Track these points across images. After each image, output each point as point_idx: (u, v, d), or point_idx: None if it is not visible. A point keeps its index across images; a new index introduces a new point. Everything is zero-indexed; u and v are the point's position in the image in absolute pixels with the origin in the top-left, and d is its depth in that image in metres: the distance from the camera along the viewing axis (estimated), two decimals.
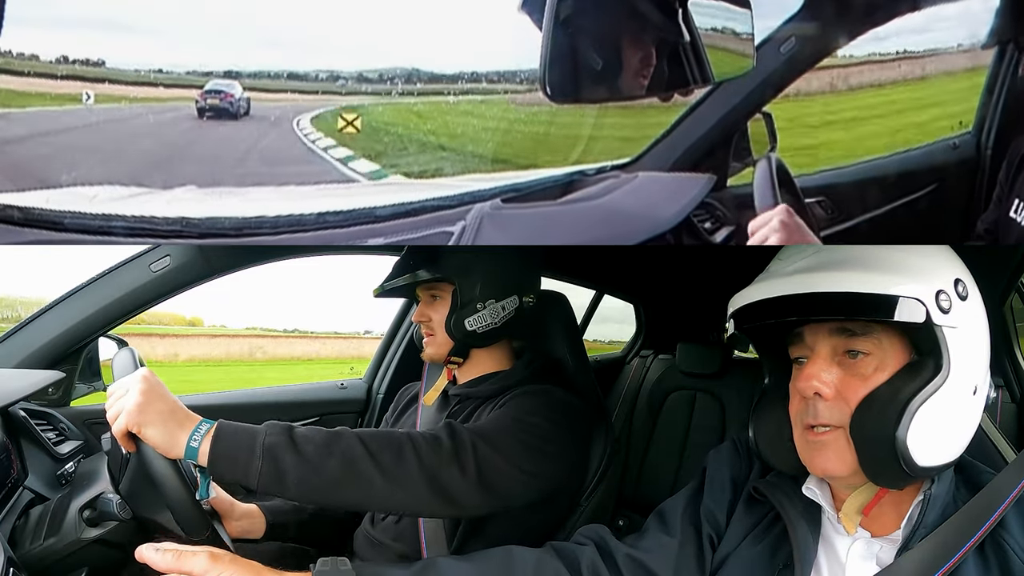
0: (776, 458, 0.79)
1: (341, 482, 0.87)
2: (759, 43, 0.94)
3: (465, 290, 1.12)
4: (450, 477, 0.92)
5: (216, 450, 0.84)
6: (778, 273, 0.76)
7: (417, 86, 1.35)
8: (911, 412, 0.67)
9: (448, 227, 0.82)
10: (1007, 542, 0.68)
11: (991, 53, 1.16)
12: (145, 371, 0.86)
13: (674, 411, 2.43)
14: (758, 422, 0.81)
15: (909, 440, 0.67)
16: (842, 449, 0.71)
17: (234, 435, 0.86)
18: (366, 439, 0.90)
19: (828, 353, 0.72)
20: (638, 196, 0.95)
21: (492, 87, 1.30)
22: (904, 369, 0.70)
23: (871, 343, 0.70)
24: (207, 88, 2.59)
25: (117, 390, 0.86)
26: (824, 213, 1.15)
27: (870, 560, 0.72)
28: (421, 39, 1.31)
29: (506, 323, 1.15)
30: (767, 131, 1.07)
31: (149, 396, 0.83)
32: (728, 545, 0.80)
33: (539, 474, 1.01)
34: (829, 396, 0.71)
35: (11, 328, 1.30)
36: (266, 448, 0.85)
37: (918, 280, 0.68)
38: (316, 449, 0.87)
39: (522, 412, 1.04)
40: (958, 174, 1.20)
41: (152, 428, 0.82)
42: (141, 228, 0.75)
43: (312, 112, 1.48)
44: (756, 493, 0.81)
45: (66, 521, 0.91)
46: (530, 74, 0.74)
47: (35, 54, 1.21)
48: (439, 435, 0.95)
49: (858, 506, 0.74)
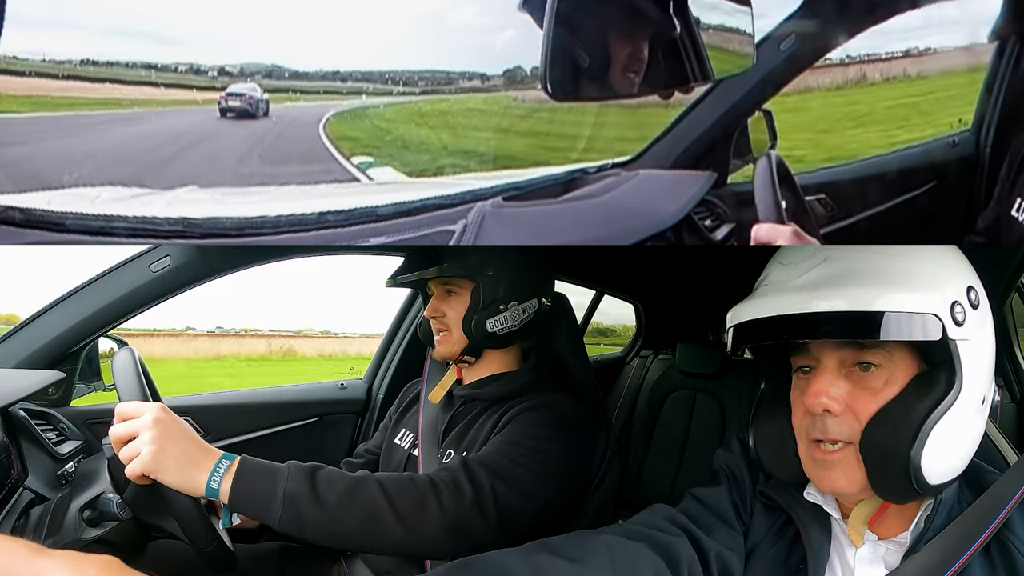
0: (778, 468, 0.77)
1: (362, 533, 0.87)
2: (759, 41, 0.94)
3: (488, 290, 1.11)
4: (472, 524, 0.92)
5: (237, 492, 0.83)
6: (782, 287, 0.72)
7: (419, 85, 1.35)
8: (925, 431, 0.65)
9: (449, 226, 0.81)
10: (1012, 543, 0.67)
11: (991, 50, 1.16)
12: (156, 411, 0.84)
13: (674, 411, 2.43)
14: (758, 431, 0.78)
15: (923, 460, 0.65)
16: (852, 467, 0.68)
17: (255, 476, 0.85)
18: (388, 488, 0.89)
19: (836, 365, 0.69)
20: (639, 194, 0.95)
21: (493, 85, 1.30)
22: (914, 382, 0.68)
23: (882, 355, 0.68)
24: (229, 91, 2.62)
25: (125, 428, 0.83)
26: (824, 211, 1.15)
27: (877, 563, 0.71)
28: (421, 39, 1.31)
29: (525, 325, 1.14)
30: (767, 128, 1.07)
31: (163, 442, 0.81)
32: (751, 544, 0.79)
33: (550, 499, 1.01)
34: (839, 412, 0.68)
35: (11, 328, 1.30)
36: (287, 495, 0.85)
37: (932, 292, 0.65)
38: (338, 497, 0.87)
39: (530, 437, 1.03)
40: (958, 172, 1.20)
41: (169, 475, 0.81)
42: (142, 228, 0.75)
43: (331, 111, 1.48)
44: (764, 498, 0.80)
45: (66, 521, 0.91)
46: (531, 72, 0.74)
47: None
48: (459, 481, 0.94)
49: (864, 517, 0.72)
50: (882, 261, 0.69)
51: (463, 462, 0.98)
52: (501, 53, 3.15)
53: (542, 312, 1.16)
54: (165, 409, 0.85)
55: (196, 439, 0.85)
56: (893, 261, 0.69)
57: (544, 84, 0.73)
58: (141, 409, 0.84)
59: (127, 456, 0.82)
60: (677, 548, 0.72)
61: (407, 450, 1.20)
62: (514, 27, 0.80)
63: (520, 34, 0.78)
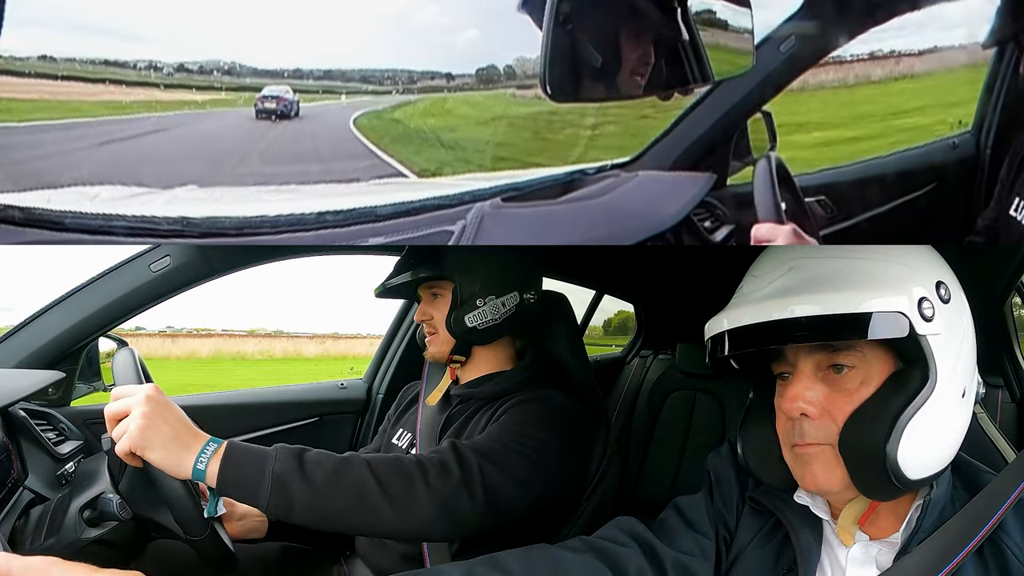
0: (767, 474, 0.77)
1: (350, 511, 0.87)
2: (759, 42, 0.94)
3: (465, 287, 1.13)
4: (459, 504, 0.92)
5: (224, 474, 0.83)
6: (751, 297, 0.74)
7: (418, 84, 1.35)
8: (900, 427, 0.66)
9: (448, 226, 0.82)
10: (1006, 544, 0.67)
11: (991, 52, 1.16)
12: (149, 389, 0.84)
13: (674, 411, 2.43)
14: (746, 439, 0.79)
15: (900, 456, 0.66)
16: (830, 464, 0.69)
17: (243, 459, 0.85)
18: (375, 467, 0.89)
19: (811, 369, 0.71)
20: (638, 195, 0.95)
21: (492, 86, 1.31)
22: (889, 381, 0.69)
23: (855, 356, 0.69)
24: (263, 93, 2.68)
25: (119, 405, 0.84)
26: (824, 212, 1.15)
27: (869, 564, 0.72)
28: (420, 39, 1.31)
29: (507, 319, 1.15)
30: (767, 130, 1.07)
31: (152, 418, 0.81)
32: (737, 547, 0.79)
33: (541, 488, 1.01)
34: (815, 415, 0.69)
35: (11, 328, 1.30)
36: (275, 475, 0.85)
37: (898, 291, 0.66)
38: (326, 477, 0.86)
39: (522, 425, 1.04)
40: (957, 173, 1.20)
41: (156, 452, 0.81)
42: (141, 228, 0.75)
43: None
44: (754, 503, 0.80)
45: (66, 521, 0.91)
46: (530, 73, 0.73)
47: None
48: (447, 461, 0.94)
49: (853, 517, 0.73)
50: (847, 265, 0.70)
51: (452, 444, 0.98)
52: (500, 54, 3.15)
53: (526, 306, 1.17)
54: (158, 389, 0.85)
55: (186, 421, 0.85)
56: (858, 264, 0.70)
57: (543, 85, 0.73)
58: (135, 389, 0.85)
59: (118, 434, 0.82)
60: (624, 558, 0.74)
61: (405, 449, 1.21)
62: (513, 28, 0.80)
63: (520, 35, 0.78)
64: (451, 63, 6.32)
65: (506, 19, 0.77)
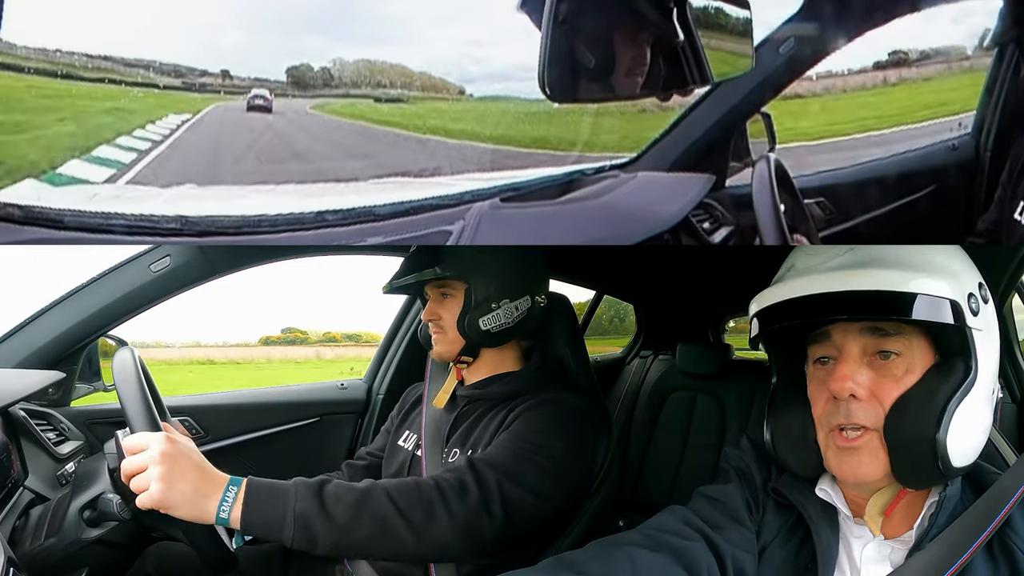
0: (796, 461, 0.77)
1: (373, 541, 0.89)
2: (758, 43, 0.94)
3: (479, 289, 1.11)
4: (479, 525, 0.93)
5: (248, 519, 0.85)
6: (814, 270, 0.74)
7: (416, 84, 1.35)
8: (949, 413, 0.67)
9: (447, 226, 0.82)
10: (1013, 541, 0.68)
11: (991, 55, 1.16)
12: (163, 444, 0.84)
13: (674, 411, 2.42)
14: (776, 424, 0.79)
15: (949, 442, 0.66)
16: (876, 452, 0.70)
17: (263, 501, 0.86)
18: (395, 496, 0.90)
19: (859, 353, 0.71)
20: (637, 196, 0.95)
21: (491, 86, 1.31)
22: (933, 370, 0.70)
23: (902, 343, 0.70)
24: (252, 94, 3.87)
25: (135, 462, 0.83)
26: (823, 214, 1.15)
27: (883, 562, 0.72)
28: (420, 40, 1.31)
29: (519, 323, 1.14)
30: (766, 131, 1.07)
31: (171, 479, 0.82)
32: (762, 543, 0.79)
33: (555, 495, 1.02)
34: (864, 397, 0.70)
35: (11, 328, 1.30)
36: (297, 515, 0.86)
37: (954, 281, 0.68)
38: (347, 510, 0.88)
39: (536, 433, 1.04)
40: (957, 175, 1.21)
41: (179, 509, 0.82)
42: (141, 227, 0.75)
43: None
44: (776, 494, 0.80)
45: (66, 521, 0.91)
46: (529, 74, 0.74)
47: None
48: (465, 480, 0.95)
49: (880, 507, 0.73)
50: (904, 252, 0.72)
51: (469, 462, 0.98)
52: (499, 54, 3.11)
53: (536, 309, 1.17)
54: (170, 439, 0.85)
55: (204, 468, 0.86)
56: (914, 253, 0.71)
57: (542, 86, 0.73)
58: (147, 441, 0.85)
59: (137, 488, 0.83)
60: (696, 554, 0.73)
61: (411, 451, 1.20)
62: (512, 28, 0.80)
63: (518, 35, 0.78)
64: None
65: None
